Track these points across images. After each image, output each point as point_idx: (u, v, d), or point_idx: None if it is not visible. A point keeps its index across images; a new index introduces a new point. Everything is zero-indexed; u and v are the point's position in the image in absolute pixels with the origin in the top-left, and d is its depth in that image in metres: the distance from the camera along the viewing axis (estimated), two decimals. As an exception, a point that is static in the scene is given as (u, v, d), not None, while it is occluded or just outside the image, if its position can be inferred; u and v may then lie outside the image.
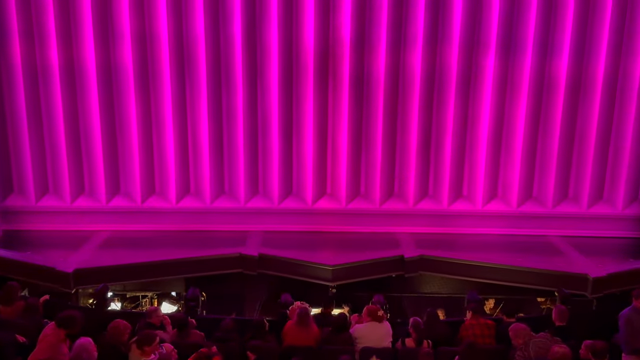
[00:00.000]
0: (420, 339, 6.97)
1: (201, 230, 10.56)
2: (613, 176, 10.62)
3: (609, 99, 10.29)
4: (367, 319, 7.12)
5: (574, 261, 9.72)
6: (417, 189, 10.74)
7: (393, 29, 10.11)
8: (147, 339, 5.92)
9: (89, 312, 8.62)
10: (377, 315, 6.99)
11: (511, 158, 10.61)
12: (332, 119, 10.57)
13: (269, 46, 10.20)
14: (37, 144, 10.41)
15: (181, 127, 10.54)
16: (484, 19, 10.08)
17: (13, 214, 10.50)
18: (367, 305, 7.38)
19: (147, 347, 5.86)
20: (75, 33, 10.05)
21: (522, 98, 10.32)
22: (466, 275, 9.70)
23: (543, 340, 6.25)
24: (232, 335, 6.84)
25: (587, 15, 10.01)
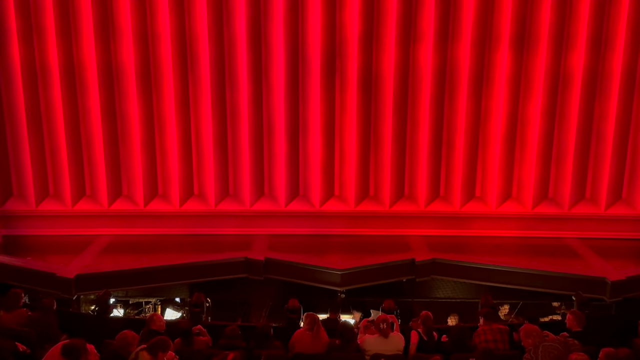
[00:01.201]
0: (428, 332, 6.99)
1: (205, 234, 10.59)
2: (632, 176, 10.58)
3: (628, 95, 10.26)
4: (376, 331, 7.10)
5: (592, 264, 9.70)
6: (428, 190, 10.73)
7: (402, 25, 10.10)
8: (163, 345, 5.99)
9: (90, 319, 8.69)
10: (380, 328, 6.93)
11: (526, 157, 10.59)
12: (339, 118, 10.57)
13: (274, 44, 10.21)
14: (37, 146, 10.46)
15: (184, 128, 10.56)
16: (496, 13, 10.06)
17: (13, 218, 10.55)
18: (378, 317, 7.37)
19: (161, 353, 5.92)
20: (75, 32, 10.10)
21: (536, 95, 10.30)
22: (480, 279, 9.69)
23: (554, 345, 6.12)
24: (238, 342, 6.85)
25: (604, 7, 9.97)
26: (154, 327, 6.98)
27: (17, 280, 9.19)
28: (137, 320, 8.68)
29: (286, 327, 7.87)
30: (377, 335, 6.94)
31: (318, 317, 7.20)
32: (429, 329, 7.19)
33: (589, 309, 8.35)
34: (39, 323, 7.18)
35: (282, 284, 9.78)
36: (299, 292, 9.13)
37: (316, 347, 6.95)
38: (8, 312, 7.45)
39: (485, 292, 9.00)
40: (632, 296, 9.20)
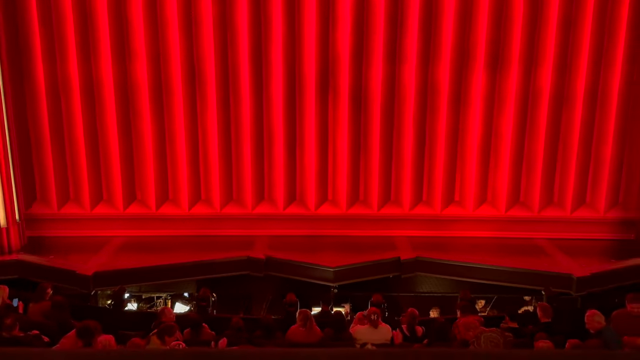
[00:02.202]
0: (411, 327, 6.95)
1: (211, 235, 10.52)
2: (595, 182, 10.59)
3: (590, 110, 10.28)
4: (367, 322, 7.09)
5: (559, 262, 9.69)
6: (412, 195, 10.73)
7: (388, 47, 10.11)
8: (169, 330, 6.01)
9: (107, 312, 8.65)
10: (370, 319, 6.93)
11: (499, 165, 10.60)
12: (332, 130, 10.56)
13: (273, 64, 10.20)
14: (58, 156, 10.41)
15: (192, 139, 10.53)
16: (472, 37, 10.08)
17: (37, 221, 10.47)
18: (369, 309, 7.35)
19: (168, 337, 5.93)
20: (94, 52, 10.06)
21: (508, 110, 10.32)
22: (459, 275, 9.67)
23: (494, 334, 6.03)
24: (241, 334, 6.83)
25: (569, 31, 10.01)
26: (164, 320, 6.96)
27: (41, 276, 9.12)
28: (149, 313, 8.65)
29: (285, 319, 7.84)
30: (368, 325, 6.94)
31: (310, 313, 7.16)
32: (411, 325, 7.12)
33: (557, 302, 8.36)
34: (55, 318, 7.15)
35: (280, 280, 9.74)
36: (296, 287, 9.09)
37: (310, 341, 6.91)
38: (36, 303, 7.45)
39: (464, 287, 8.98)
40: (595, 291, 9.21)
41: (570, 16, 9.95)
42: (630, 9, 9.79)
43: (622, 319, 6.31)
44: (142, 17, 9.93)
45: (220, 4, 9.98)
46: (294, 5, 10.00)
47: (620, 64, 10.02)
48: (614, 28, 9.93)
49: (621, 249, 10.25)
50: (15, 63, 9.95)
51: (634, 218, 10.40)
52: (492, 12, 9.93)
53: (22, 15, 9.82)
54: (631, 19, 9.84)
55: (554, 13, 9.90)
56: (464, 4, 9.94)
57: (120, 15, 9.97)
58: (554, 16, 9.91)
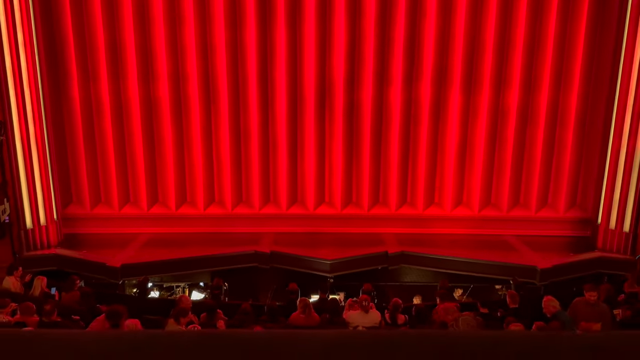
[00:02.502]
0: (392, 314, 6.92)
1: (223, 232, 10.49)
2: (556, 187, 10.59)
3: (551, 124, 10.30)
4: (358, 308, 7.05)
5: (525, 255, 9.69)
6: (398, 197, 10.72)
7: (377, 70, 10.14)
8: (183, 312, 6.04)
9: (132, 299, 8.64)
10: (362, 305, 6.90)
11: (473, 172, 10.60)
12: (328, 141, 10.56)
13: (278, 83, 10.23)
14: (91, 163, 10.41)
15: (207, 149, 10.53)
16: (449, 61, 10.11)
17: (72, 220, 10.46)
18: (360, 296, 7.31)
19: (182, 318, 5.94)
20: (123, 73, 10.08)
21: (481, 123, 10.33)
22: (438, 267, 9.67)
23: (469, 317, 5.95)
24: (250, 317, 6.81)
25: (533, 57, 10.04)
26: (182, 306, 6.91)
27: (76, 268, 9.12)
28: (169, 300, 8.64)
29: (287, 305, 7.83)
30: (360, 311, 6.91)
31: (309, 301, 7.12)
32: (394, 313, 7.00)
33: (524, 291, 8.36)
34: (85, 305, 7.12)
35: (284, 271, 9.72)
36: (297, 278, 9.06)
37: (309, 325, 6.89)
38: (67, 293, 7.43)
39: (443, 278, 8.98)
40: (557, 280, 9.22)
41: (533, 44, 9.98)
42: (586, 37, 9.83)
43: (580, 306, 6.30)
44: (164, 44, 9.95)
45: (232, 32, 10.00)
46: (296, 33, 10.02)
47: (577, 85, 10.05)
48: (571, 54, 9.97)
49: (579, 244, 10.25)
50: (54, 84, 9.97)
51: (590, 217, 10.41)
52: (466, 40, 9.96)
53: (61, 43, 9.84)
54: (587, 46, 9.88)
55: (520, 41, 9.93)
56: (442, 34, 9.97)
57: (145, 43, 9.98)
58: (519, 44, 9.94)
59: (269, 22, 9.97)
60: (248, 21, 9.94)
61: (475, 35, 9.96)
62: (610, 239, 9.81)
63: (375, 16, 9.87)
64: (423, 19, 9.92)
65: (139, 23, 9.86)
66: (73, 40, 9.79)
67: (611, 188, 9.73)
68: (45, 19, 9.63)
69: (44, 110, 9.65)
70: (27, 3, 9.09)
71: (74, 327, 6.14)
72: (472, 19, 9.89)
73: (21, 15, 8.99)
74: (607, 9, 9.66)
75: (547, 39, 9.89)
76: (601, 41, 9.85)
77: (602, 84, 9.93)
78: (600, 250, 9.85)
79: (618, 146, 9.54)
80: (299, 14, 9.94)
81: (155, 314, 7.07)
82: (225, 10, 9.86)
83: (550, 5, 9.75)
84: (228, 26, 9.93)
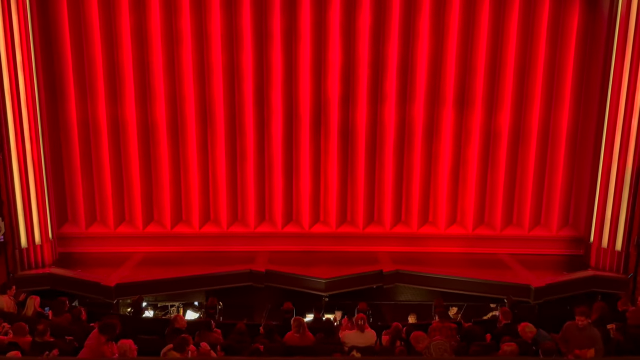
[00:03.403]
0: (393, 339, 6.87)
1: (219, 250, 10.45)
2: (548, 206, 10.62)
3: (543, 144, 10.39)
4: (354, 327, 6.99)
5: (519, 274, 9.67)
6: (392, 216, 10.73)
7: (371, 90, 10.25)
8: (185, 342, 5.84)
9: (127, 319, 8.54)
10: (357, 324, 6.83)
11: (467, 191, 10.64)
12: (324, 160, 10.60)
13: (274, 103, 10.30)
14: (87, 183, 10.39)
15: (203, 167, 10.55)
16: (442, 81, 10.23)
17: (67, 239, 10.39)
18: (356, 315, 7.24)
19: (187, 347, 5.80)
20: (120, 93, 10.13)
21: (473, 143, 10.41)
22: (433, 286, 9.64)
23: (441, 342, 6.00)
24: (244, 338, 6.75)
25: (524, 78, 10.18)
26: (177, 326, 6.85)
27: (70, 288, 9.06)
28: (164, 320, 8.55)
29: (282, 324, 7.77)
30: (356, 330, 6.85)
31: (303, 321, 7.04)
32: (394, 338, 6.83)
33: (518, 309, 8.33)
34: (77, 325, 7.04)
35: (279, 290, 9.66)
36: (293, 297, 9.02)
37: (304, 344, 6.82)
38: (57, 316, 7.31)
39: (438, 296, 8.95)
40: (550, 299, 9.22)
41: (524, 65, 10.13)
42: (575, 58, 9.99)
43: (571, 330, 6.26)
44: (161, 64, 10.04)
45: (229, 53, 10.11)
46: (291, 55, 10.13)
47: (568, 105, 10.18)
48: (562, 75, 10.11)
49: (572, 262, 10.25)
50: (52, 103, 10.01)
51: (582, 236, 10.44)
52: (459, 62, 10.10)
53: (59, 63, 9.91)
54: (576, 67, 10.03)
55: (511, 63, 10.08)
56: (435, 55, 10.11)
57: (143, 63, 10.07)
58: (511, 65, 10.09)
59: (265, 43, 10.09)
60: (244, 43, 10.05)
61: (467, 56, 10.11)
62: (603, 257, 9.83)
63: (369, 38, 10.01)
64: (416, 40, 10.07)
65: (137, 44, 9.95)
66: (71, 59, 9.86)
67: (603, 207, 9.78)
68: (44, 39, 9.71)
69: (40, 129, 9.67)
70: (26, 23, 9.17)
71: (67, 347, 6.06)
72: (464, 41, 10.04)
73: (20, 35, 9.07)
74: (595, 30, 9.85)
75: (538, 60, 10.04)
76: (590, 62, 10.01)
77: (592, 104, 10.06)
78: (593, 268, 9.85)
79: (609, 165, 9.62)
80: (294, 36, 10.07)
81: (150, 333, 7.00)
82: (222, 32, 9.98)
83: (540, 28, 9.93)
84: (225, 48, 10.04)
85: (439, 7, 9.95)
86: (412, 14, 10.00)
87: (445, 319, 7.25)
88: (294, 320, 6.96)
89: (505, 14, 9.96)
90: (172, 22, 9.96)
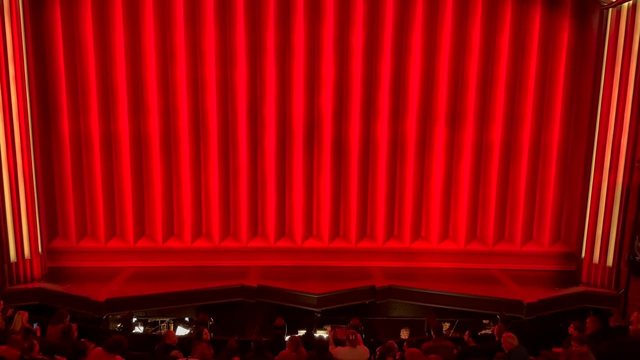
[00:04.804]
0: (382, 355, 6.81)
1: (210, 265, 10.40)
2: (539, 221, 10.68)
3: (534, 159, 10.48)
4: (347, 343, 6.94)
5: (512, 290, 9.67)
6: (385, 231, 10.75)
7: (363, 105, 10.32)
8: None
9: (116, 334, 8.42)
10: (349, 340, 6.77)
11: (459, 206, 10.69)
12: (316, 175, 10.63)
13: (267, 118, 10.34)
14: (78, 196, 10.34)
15: (195, 182, 10.53)
16: (434, 97, 10.33)
17: (57, 253, 10.31)
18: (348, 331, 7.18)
19: None
20: (113, 107, 10.14)
21: (465, 159, 10.49)
22: (425, 301, 9.60)
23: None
24: (236, 354, 6.69)
25: (515, 94, 10.30)
26: (168, 342, 6.80)
27: (59, 302, 8.92)
28: (154, 336, 8.45)
29: (274, 340, 7.70)
30: (348, 346, 6.80)
31: (300, 339, 6.99)
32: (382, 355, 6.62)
33: (510, 325, 8.31)
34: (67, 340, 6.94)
35: (270, 306, 9.61)
36: (284, 312, 8.96)
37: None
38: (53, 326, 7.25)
39: (430, 312, 8.94)
40: (542, 315, 9.22)
41: (515, 82, 10.26)
42: (565, 75, 10.13)
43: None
44: (154, 79, 10.07)
45: (223, 68, 10.16)
46: (285, 70, 10.20)
47: (558, 121, 10.30)
48: (552, 91, 10.25)
49: (564, 278, 10.28)
50: (44, 116, 9.99)
51: (574, 252, 10.49)
52: (450, 78, 10.21)
53: (52, 76, 9.92)
54: (567, 83, 10.17)
55: (502, 80, 10.21)
56: (427, 71, 10.22)
57: (136, 77, 10.10)
58: (502, 82, 10.22)
59: (259, 59, 10.16)
60: (238, 58, 10.12)
61: (459, 73, 10.23)
62: (595, 273, 9.87)
63: (362, 54, 10.11)
64: (408, 57, 10.18)
65: (131, 58, 9.98)
66: (64, 73, 9.86)
67: (594, 222, 9.86)
68: (37, 52, 9.72)
69: (32, 142, 9.63)
70: (19, 35, 9.18)
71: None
72: (455, 57, 10.17)
73: (13, 47, 9.08)
74: (585, 47, 10.01)
75: (529, 77, 10.18)
76: (580, 79, 10.15)
77: (582, 121, 10.18)
78: (584, 284, 9.88)
79: (599, 181, 9.72)
80: (288, 52, 10.15)
81: (140, 349, 6.91)
82: (216, 47, 10.05)
83: (531, 45, 10.08)
84: (218, 62, 10.10)
85: (431, 24, 10.08)
86: (405, 31, 10.13)
87: (441, 336, 7.20)
88: (291, 339, 6.88)
89: (496, 32, 10.12)
90: (166, 36, 10.02)
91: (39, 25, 9.69)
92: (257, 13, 10.03)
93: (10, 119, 9.17)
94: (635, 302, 9.36)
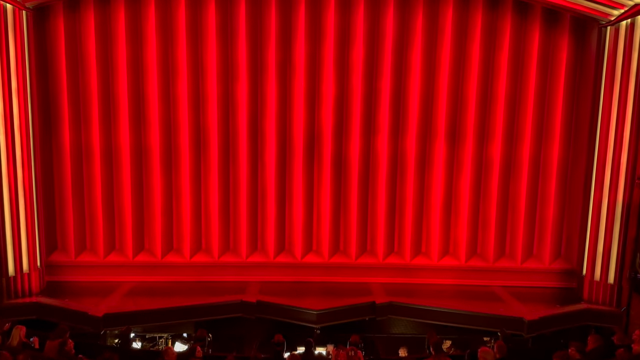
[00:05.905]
0: None
1: (209, 280, 10.34)
2: (540, 238, 10.65)
3: (534, 176, 10.48)
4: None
5: (512, 307, 9.61)
6: (385, 247, 10.71)
7: (364, 121, 10.37)
8: None
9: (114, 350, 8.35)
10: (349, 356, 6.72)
11: (459, 222, 10.67)
12: (317, 190, 10.64)
13: (267, 133, 10.38)
14: (78, 210, 10.33)
15: (195, 197, 10.53)
16: (434, 113, 10.38)
17: (56, 267, 10.26)
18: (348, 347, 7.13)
19: None
20: (114, 121, 10.18)
21: (465, 175, 10.50)
22: (426, 318, 9.54)
23: None
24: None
25: (515, 110, 10.35)
26: (167, 359, 6.73)
27: (57, 317, 8.87)
28: (152, 352, 8.38)
29: (273, 357, 7.64)
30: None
31: (299, 357, 6.93)
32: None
33: (512, 342, 8.26)
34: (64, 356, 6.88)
35: (270, 322, 9.54)
36: (284, 328, 8.90)
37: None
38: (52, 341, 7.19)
39: (430, 329, 8.86)
40: (543, 332, 9.15)
41: (515, 99, 10.33)
42: (565, 92, 10.19)
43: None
44: (156, 93, 10.13)
45: (224, 83, 10.23)
46: (286, 86, 10.27)
47: (558, 138, 10.34)
48: (552, 108, 10.30)
49: (565, 295, 10.22)
50: (45, 129, 10.04)
51: (575, 269, 10.45)
52: (450, 95, 10.27)
53: (54, 90, 9.99)
54: (566, 100, 10.23)
55: (502, 96, 10.27)
56: (427, 88, 10.29)
57: (138, 91, 10.16)
58: (501, 99, 10.28)
59: (260, 75, 10.24)
60: (239, 73, 10.20)
61: (459, 90, 10.29)
62: (596, 290, 9.82)
63: (362, 71, 10.19)
64: (409, 74, 10.26)
65: (133, 72, 10.06)
66: (66, 86, 9.93)
67: (594, 239, 9.83)
68: (40, 65, 9.80)
69: (33, 156, 9.65)
70: (22, 48, 9.24)
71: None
72: (455, 74, 10.24)
73: (16, 61, 9.15)
74: (584, 65, 10.08)
75: (528, 95, 10.24)
76: (579, 96, 10.21)
77: (582, 138, 10.22)
78: (586, 301, 9.82)
79: (600, 198, 9.71)
80: (289, 68, 10.23)
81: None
82: (218, 62, 10.13)
83: (530, 62, 10.15)
84: (220, 77, 10.17)
85: (431, 41, 10.18)
86: (405, 48, 10.22)
87: (440, 353, 7.15)
88: (291, 357, 6.82)
89: (495, 49, 10.21)
90: (168, 51, 10.11)
91: (42, 38, 9.78)
92: (258, 29, 10.13)
93: (12, 132, 9.21)
94: (637, 320, 9.29)
